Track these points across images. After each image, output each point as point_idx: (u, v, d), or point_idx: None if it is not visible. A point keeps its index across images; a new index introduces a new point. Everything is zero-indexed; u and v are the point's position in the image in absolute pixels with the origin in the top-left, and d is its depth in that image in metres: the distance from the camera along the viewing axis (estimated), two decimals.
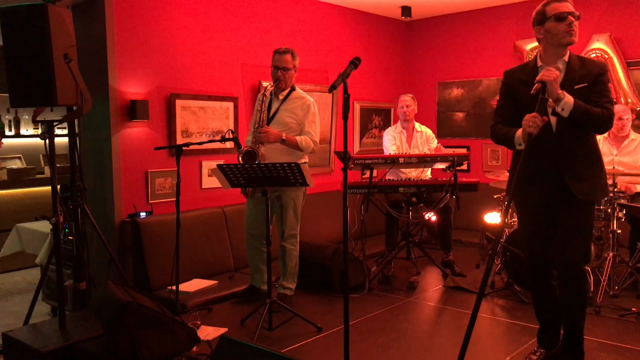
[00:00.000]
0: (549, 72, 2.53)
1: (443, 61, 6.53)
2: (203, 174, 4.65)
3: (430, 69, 6.64)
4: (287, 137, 3.71)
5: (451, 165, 4.31)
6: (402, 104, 4.89)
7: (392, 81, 6.62)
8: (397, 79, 6.69)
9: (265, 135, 3.66)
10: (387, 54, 6.53)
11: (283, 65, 3.74)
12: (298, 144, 3.73)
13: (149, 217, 4.17)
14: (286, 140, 3.70)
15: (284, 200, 3.79)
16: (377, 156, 4.35)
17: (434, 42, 6.60)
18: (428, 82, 6.65)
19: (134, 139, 4.22)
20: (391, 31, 6.55)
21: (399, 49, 6.68)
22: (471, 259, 5.12)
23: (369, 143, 6.39)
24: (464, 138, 6.37)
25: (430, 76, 6.63)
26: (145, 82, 4.27)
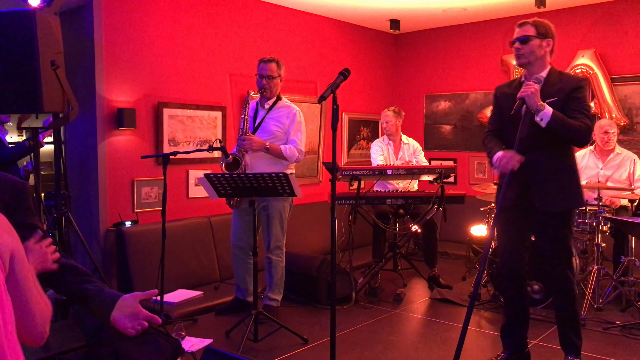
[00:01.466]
0: (526, 88, 2.70)
1: (431, 74, 6.59)
2: (190, 183, 4.63)
3: (418, 82, 6.69)
4: (271, 145, 3.71)
5: (438, 178, 4.33)
6: (383, 119, 4.93)
7: (380, 93, 6.66)
8: (385, 91, 6.73)
9: (248, 142, 3.65)
10: (376, 66, 6.58)
11: (267, 74, 3.75)
12: (282, 153, 3.73)
13: (134, 226, 4.14)
14: (270, 149, 3.70)
15: (270, 212, 3.78)
16: (364, 167, 4.36)
17: (422, 55, 6.66)
18: (416, 95, 6.70)
19: (121, 148, 4.19)
20: (380, 44, 6.60)
21: (387, 62, 6.73)
22: (457, 271, 5.13)
23: (357, 154, 6.41)
24: (451, 151, 6.42)
25: (418, 89, 6.68)
26: (133, 91, 4.25)
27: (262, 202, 3.75)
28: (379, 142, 5.02)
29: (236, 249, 3.88)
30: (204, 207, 4.70)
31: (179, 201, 4.55)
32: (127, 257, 4.01)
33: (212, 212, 4.71)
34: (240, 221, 3.84)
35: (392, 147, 4.95)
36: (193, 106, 4.61)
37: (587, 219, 4.04)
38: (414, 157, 4.95)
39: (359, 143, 6.43)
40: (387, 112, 4.91)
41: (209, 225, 4.57)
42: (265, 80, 3.74)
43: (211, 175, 3.26)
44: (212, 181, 3.28)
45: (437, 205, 4.35)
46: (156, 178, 4.35)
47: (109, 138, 4.12)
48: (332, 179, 2.51)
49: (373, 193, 4.50)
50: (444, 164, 5.94)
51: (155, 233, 3.97)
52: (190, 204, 4.65)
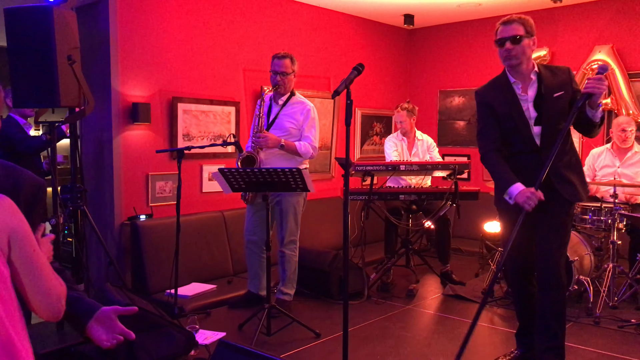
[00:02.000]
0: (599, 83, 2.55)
1: (445, 70, 6.55)
2: (204, 178, 4.65)
3: (432, 77, 6.65)
4: (286, 142, 3.72)
5: (452, 174, 4.32)
6: (397, 119, 4.91)
7: (393, 88, 6.64)
8: (398, 86, 6.70)
9: (264, 140, 3.66)
10: (389, 62, 6.55)
11: (282, 70, 3.75)
12: (297, 150, 3.74)
13: (148, 220, 4.17)
14: (285, 145, 3.70)
15: (284, 206, 3.79)
16: (378, 163, 4.36)
17: (435, 50, 6.62)
18: (429, 90, 6.67)
19: (136, 142, 4.22)
20: (393, 39, 6.57)
21: (401, 57, 6.70)
22: (470, 268, 5.11)
23: (370, 150, 6.40)
24: (465, 146, 6.38)
25: (432, 84, 6.65)
26: (147, 85, 4.28)
27: (275, 196, 3.77)
28: (393, 138, 5.01)
29: (250, 243, 3.90)
30: (218, 201, 4.72)
31: (193, 195, 4.58)
32: (141, 250, 4.04)
33: (225, 207, 4.73)
34: (254, 216, 3.86)
35: (406, 143, 4.93)
36: (207, 101, 4.63)
37: (602, 216, 3.99)
38: (427, 153, 4.93)
39: (372, 139, 6.42)
40: (400, 111, 4.89)
41: (222, 220, 4.60)
42: (279, 77, 3.75)
43: (225, 170, 3.28)
44: (226, 176, 3.29)
45: (451, 202, 4.33)
46: (170, 172, 4.38)
47: (123, 132, 4.15)
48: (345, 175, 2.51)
49: (386, 189, 4.50)
50: (458, 160, 5.91)
51: (170, 227, 4.00)
52: (204, 198, 4.67)
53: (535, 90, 2.76)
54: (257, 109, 3.82)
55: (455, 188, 4.30)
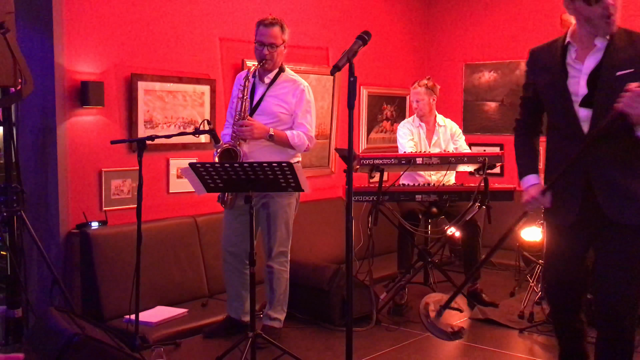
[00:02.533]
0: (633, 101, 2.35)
1: (472, 38, 6.55)
2: (171, 175, 4.65)
3: (456, 48, 6.65)
4: (276, 132, 3.71)
5: (481, 168, 4.33)
6: (413, 97, 4.91)
7: (408, 62, 6.63)
8: (414, 59, 6.70)
9: (249, 130, 3.65)
10: (403, 29, 6.55)
11: (270, 41, 3.74)
12: (289, 141, 3.74)
13: (102, 228, 4.17)
14: (274, 136, 3.70)
15: (272, 210, 3.79)
16: (388, 155, 4.36)
17: (461, 14, 6.62)
18: (453, 64, 6.66)
19: (86, 131, 4.21)
20: (409, 0, 6.56)
21: (417, 23, 6.70)
22: (504, 285, 5.12)
23: (379, 139, 6.40)
24: (497, 134, 6.38)
25: (456, 56, 6.64)
26: (100, 60, 4.26)
27: (261, 198, 3.77)
28: (408, 124, 5.01)
29: (229, 256, 3.90)
30: (189, 204, 4.72)
31: (157, 197, 4.58)
32: (93, 266, 4.03)
33: (198, 211, 4.72)
34: (234, 222, 3.86)
35: (424, 130, 4.93)
36: (175, 79, 4.61)
37: None
38: (451, 142, 4.93)
39: (381, 125, 6.41)
40: (417, 88, 4.89)
41: (195, 227, 4.59)
42: (267, 49, 3.74)
43: (198, 164, 3.28)
44: (200, 172, 3.29)
45: (480, 203, 4.34)
46: (129, 168, 4.36)
47: (70, 119, 4.14)
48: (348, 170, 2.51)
49: (399, 187, 4.50)
50: (488, 150, 5.91)
51: (129, 236, 3.99)
52: (171, 200, 4.67)
53: (596, 61, 2.54)
54: (237, 90, 3.80)
55: (485, 186, 4.31)
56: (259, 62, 3.76)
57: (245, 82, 3.77)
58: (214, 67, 4.90)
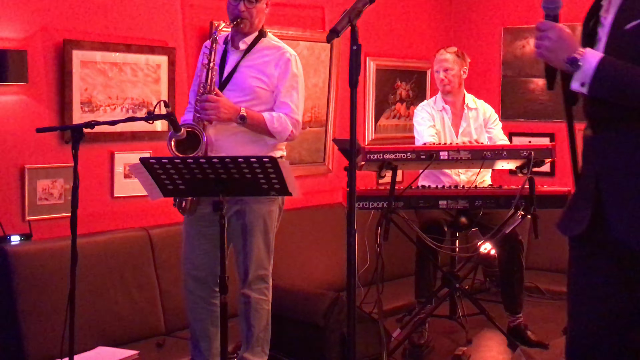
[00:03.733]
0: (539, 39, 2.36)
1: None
2: (117, 174, 4.64)
3: (492, 8, 6.66)
4: (249, 112, 3.71)
5: (525, 165, 4.32)
6: (439, 66, 4.89)
7: (429, 26, 6.64)
8: (436, 23, 6.71)
9: (215, 107, 3.65)
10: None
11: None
12: (266, 125, 3.74)
13: (25, 243, 4.15)
14: (247, 117, 3.70)
15: (247, 220, 3.78)
16: (403, 148, 4.36)
17: None
18: (488, 29, 6.68)
19: (3, 114, 4.20)
20: None
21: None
22: (555, 320, 5.11)
23: (391, 127, 6.40)
24: (546, 120, 6.40)
25: (491, 18, 6.66)
26: (22, 21, 4.24)
27: (234, 204, 3.76)
28: (428, 107, 5.01)
29: (192, 282, 3.89)
30: (140, 212, 4.71)
31: (99, 203, 4.57)
32: (13, 293, 4.00)
33: (153, 221, 4.72)
34: (198, 237, 3.85)
35: (449, 114, 4.93)
36: (121, 47, 4.60)
37: None
38: (484, 131, 4.93)
39: (393, 108, 6.42)
40: (445, 54, 4.88)
41: (147, 242, 4.58)
42: (244, 5, 3.74)
43: (152, 160, 3.27)
44: (154, 170, 3.28)
45: (524, 211, 4.33)
46: (61, 165, 4.35)
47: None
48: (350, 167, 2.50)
49: (417, 190, 4.50)
50: (534, 142, 5.92)
51: (60, 254, 3.97)
52: (117, 207, 4.66)
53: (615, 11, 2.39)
54: (204, 57, 3.79)
55: (530, 189, 4.30)
56: (232, 21, 3.76)
57: (213, 45, 3.76)
58: (174, 31, 4.88)
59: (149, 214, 4.72)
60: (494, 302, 5.10)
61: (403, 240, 4.65)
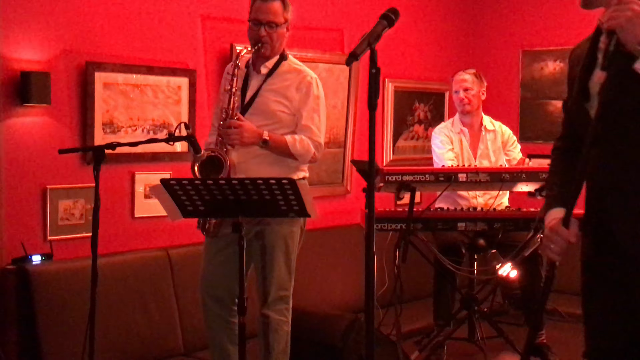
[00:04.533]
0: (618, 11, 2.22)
1: (531, 18, 6.59)
2: (137, 195, 4.66)
3: (510, 30, 6.68)
4: (272, 136, 3.72)
5: (544, 188, 4.31)
6: (458, 87, 4.91)
7: (447, 49, 6.65)
8: (455, 45, 6.72)
9: (237, 132, 3.66)
10: (441, 4, 6.59)
11: (269, 19, 3.77)
12: (289, 148, 3.75)
13: (46, 263, 4.17)
14: (270, 141, 3.71)
15: (268, 241, 3.79)
16: (421, 170, 4.36)
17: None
18: (506, 51, 6.69)
19: (26, 136, 4.23)
20: None
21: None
22: (577, 342, 5.06)
23: (409, 148, 6.40)
24: None
25: (511, 41, 6.67)
26: (46, 44, 4.29)
27: (254, 225, 3.77)
28: (446, 129, 5.01)
29: (211, 301, 3.89)
30: (160, 232, 4.73)
31: (119, 223, 4.58)
32: (34, 312, 4.03)
33: (172, 241, 4.73)
34: (218, 256, 3.86)
35: (467, 136, 4.93)
36: (143, 69, 4.64)
37: None
38: (502, 153, 4.92)
39: (411, 129, 6.42)
40: (463, 74, 4.90)
41: (167, 262, 4.60)
42: (265, 29, 3.76)
43: (172, 181, 3.28)
44: (174, 191, 3.29)
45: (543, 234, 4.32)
46: (82, 185, 4.38)
47: (6, 120, 4.16)
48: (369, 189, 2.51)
49: (436, 212, 4.50)
50: None
51: (81, 274, 3.99)
52: (137, 227, 4.68)
53: None
54: (226, 81, 3.82)
55: None
56: (254, 46, 3.79)
57: (235, 71, 3.78)
58: (194, 53, 4.92)
59: (169, 234, 4.74)
60: (513, 324, 5.08)
61: (421, 262, 4.65)
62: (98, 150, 3.55)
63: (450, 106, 6.44)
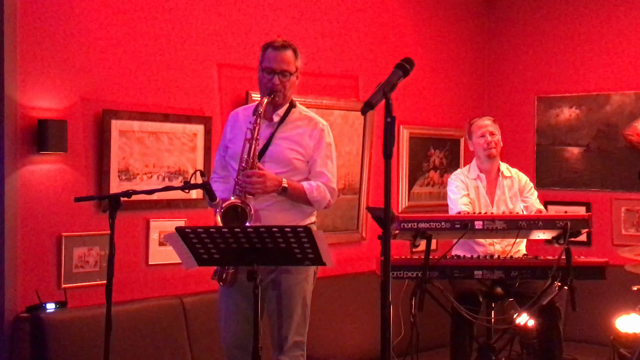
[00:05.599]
0: None
1: (547, 63, 6.60)
2: (152, 242, 4.66)
3: (525, 77, 6.69)
4: (290, 183, 3.73)
5: (561, 236, 4.29)
6: (484, 131, 4.89)
7: (462, 95, 6.67)
8: (470, 91, 6.75)
9: (261, 181, 3.66)
10: (455, 52, 6.62)
11: (282, 67, 3.79)
12: (306, 195, 3.76)
13: (60, 311, 4.16)
14: (289, 188, 3.72)
15: (284, 287, 3.76)
16: (437, 217, 4.34)
17: (531, 31, 6.68)
18: (521, 98, 6.70)
19: (42, 184, 4.26)
20: (462, 15, 6.66)
21: (474, 44, 6.78)
22: None
23: (424, 194, 6.39)
24: (582, 189, 6.36)
25: (525, 87, 6.68)
26: (62, 92, 4.33)
27: (269, 272, 3.76)
28: (462, 175, 4.99)
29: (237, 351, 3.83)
30: (174, 280, 4.72)
31: (134, 270, 4.58)
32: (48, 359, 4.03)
33: (187, 289, 4.72)
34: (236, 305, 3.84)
35: (483, 182, 4.92)
36: (159, 116, 4.67)
37: None
38: (519, 200, 4.91)
39: (427, 176, 6.42)
40: (484, 119, 4.91)
41: (181, 311, 4.58)
42: (278, 78, 3.80)
43: (187, 229, 3.29)
44: (189, 239, 3.29)
45: (560, 282, 4.28)
46: (97, 233, 4.39)
47: (23, 168, 4.19)
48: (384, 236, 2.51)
49: (452, 260, 4.47)
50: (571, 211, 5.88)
51: (95, 322, 3.98)
52: (152, 274, 4.67)
53: None
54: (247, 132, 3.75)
55: (567, 259, 4.26)
56: (268, 94, 3.81)
57: (257, 120, 3.77)
58: (210, 100, 4.95)
59: (183, 282, 4.73)
60: None
61: (438, 310, 4.61)
62: (114, 198, 3.57)
63: (466, 152, 6.44)
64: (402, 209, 6.19)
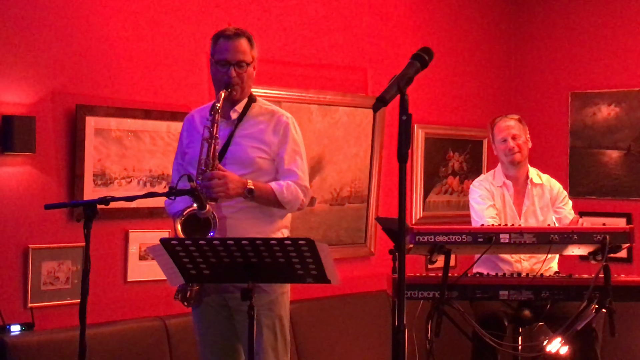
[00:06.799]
0: None
1: (582, 57, 6.62)
2: (131, 255, 4.67)
3: (558, 71, 6.71)
4: (256, 184, 3.72)
5: (599, 251, 4.29)
6: (506, 134, 4.89)
7: (486, 92, 6.69)
8: (495, 86, 6.76)
9: (222, 183, 3.64)
10: (477, 43, 6.65)
11: (238, 58, 3.79)
12: (276, 196, 3.74)
13: (27, 334, 4.16)
14: (255, 190, 3.71)
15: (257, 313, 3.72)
16: (457, 229, 4.34)
17: (564, 18, 6.71)
18: (553, 94, 6.71)
19: (7, 188, 4.26)
20: (487, 3, 6.68)
21: (498, 34, 6.80)
22: None
23: (442, 203, 6.40)
24: (622, 198, 6.37)
25: (558, 83, 6.70)
26: (30, 85, 4.34)
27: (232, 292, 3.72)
28: (487, 183, 4.99)
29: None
30: (156, 299, 4.72)
31: (109, 288, 4.58)
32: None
33: (170, 309, 4.70)
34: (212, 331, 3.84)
35: (510, 190, 4.92)
36: (140, 113, 4.68)
37: None
38: (551, 210, 4.91)
39: (445, 182, 6.43)
40: (508, 120, 4.89)
41: (163, 333, 4.59)
42: (234, 70, 3.80)
43: (173, 241, 3.29)
44: (175, 252, 3.29)
45: (597, 304, 4.28)
46: (70, 245, 4.38)
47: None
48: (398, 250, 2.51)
49: (474, 278, 4.47)
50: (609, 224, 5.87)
51: (66, 347, 3.99)
52: (131, 293, 4.68)
53: None
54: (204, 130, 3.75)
55: (605, 278, 4.25)
56: (225, 88, 3.80)
57: (215, 117, 3.76)
58: (197, 95, 4.94)
59: (165, 301, 4.67)
60: None
61: (457, 335, 4.61)
62: (90, 206, 3.54)
63: (490, 155, 6.43)
64: (416, 219, 6.19)
